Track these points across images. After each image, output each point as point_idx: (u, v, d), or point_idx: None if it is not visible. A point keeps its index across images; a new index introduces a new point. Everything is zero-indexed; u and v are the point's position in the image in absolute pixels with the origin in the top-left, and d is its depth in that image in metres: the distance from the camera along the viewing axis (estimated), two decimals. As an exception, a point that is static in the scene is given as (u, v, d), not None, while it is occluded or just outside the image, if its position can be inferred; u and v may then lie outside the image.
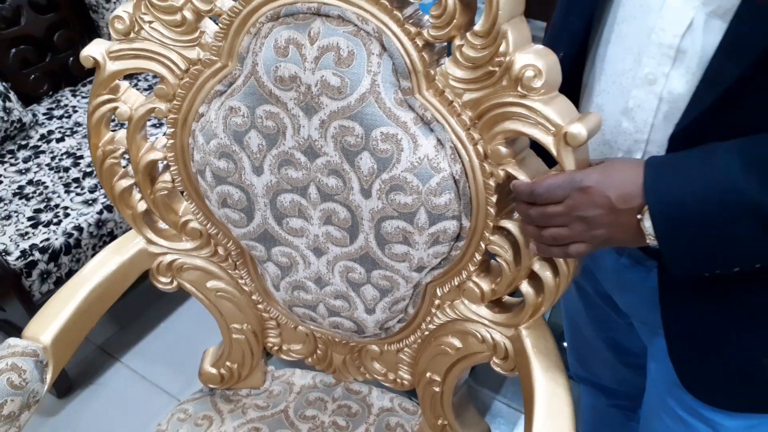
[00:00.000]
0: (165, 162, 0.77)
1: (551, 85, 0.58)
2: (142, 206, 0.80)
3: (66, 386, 1.57)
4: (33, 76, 1.87)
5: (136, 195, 0.81)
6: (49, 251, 1.38)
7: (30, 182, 1.57)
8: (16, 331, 1.34)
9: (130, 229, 0.84)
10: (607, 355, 0.96)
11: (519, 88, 0.57)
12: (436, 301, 0.77)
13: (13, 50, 1.81)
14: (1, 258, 1.32)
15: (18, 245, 1.36)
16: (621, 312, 0.83)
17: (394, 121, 0.63)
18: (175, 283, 0.87)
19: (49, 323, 0.75)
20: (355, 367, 0.90)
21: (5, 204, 1.50)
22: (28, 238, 1.38)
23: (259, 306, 0.88)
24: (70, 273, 1.41)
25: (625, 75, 0.63)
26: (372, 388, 0.98)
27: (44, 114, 1.82)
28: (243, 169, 0.71)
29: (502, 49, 0.57)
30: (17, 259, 1.34)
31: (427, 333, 0.80)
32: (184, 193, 0.79)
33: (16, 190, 1.54)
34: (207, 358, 0.96)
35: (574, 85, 0.69)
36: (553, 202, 0.58)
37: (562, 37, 0.70)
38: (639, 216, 0.55)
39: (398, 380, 0.88)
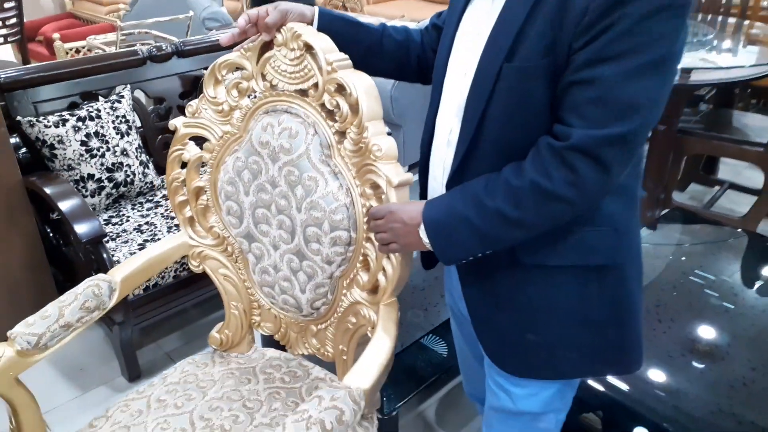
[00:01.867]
0: (205, 188, 1.33)
1: (389, 155, 1.06)
2: (188, 213, 1.36)
3: (136, 374, 2.10)
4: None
5: (187, 207, 1.36)
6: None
7: (147, 223, 2.22)
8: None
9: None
10: (477, 368, 1.31)
11: (371, 156, 1.07)
12: (343, 290, 1.22)
13: (160, 136, 2.57)
14: (114, 262, 1.93)
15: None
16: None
17: (317, 170, 1.14)
18: (201, 267, 1.39)
19: (122, 269, 1.29)
20: (301, 342, 1.35)
21: (127, 234, 2.15)
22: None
23: (249, 290, 1.38)
24: (156, 284, 1.99)
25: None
26: (315, 365, 1.41)
27: (169, 181, 2.52)
28: (239, 192, 1.24)
29: (365, 136, 1.07)
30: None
31: (339, 314, 1.24)
32: (212, 209, 1.34)
33: (136, 227, 2.19)
34: (215, 328, 1.45)
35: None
36: (379, 218, 1.04)
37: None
38: (420, 230, 0.99)
39: (326, 353, 1.31)
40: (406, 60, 1.21)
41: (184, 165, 1.33)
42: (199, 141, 1.29)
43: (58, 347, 1.16)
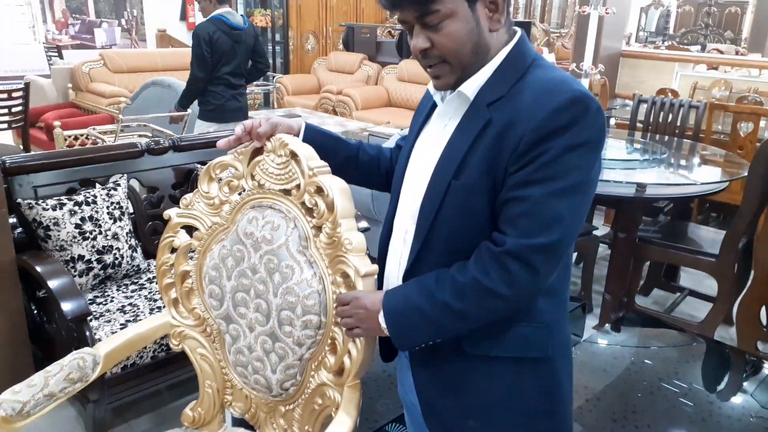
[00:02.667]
0: (191, 272, 1.46)
1: (358, 249, 1.21)
2: (173, 295, 1.47)
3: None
4: (156, 242, 2.73)
5: (173, 289, 1.48)
6: (125, 346, 2.05)
7: (130, 304, 2.31)
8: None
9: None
10: None
11: (343, 249, 1.21)
12: (312, 372, 1.32)
13: (150, 223, 2.71)
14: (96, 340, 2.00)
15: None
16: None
17: (293, 260, 1.28)
18: (180, 346, 1.49)
19: (106, 345, 1.38)
20: (270, 423, 1.43)
21: (111, 313, 2.23)
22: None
23: (223, 370, 1.47)
24: (133, 365, 2.06)
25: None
26: (282, 446, 1.48)
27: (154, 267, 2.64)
28: (222, 277, 1.37)
29: (338, 231, 1.22)
30: (104, 346, 2.01)
31: (307, 395, 1.34)
32: (196, 291, 1.46)
33: (120, 307, 2.28)
34: (189, 405, 1.53)
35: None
36: (344, 304, 1.17)
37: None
38: (380, 316, 1.12)
39: (293, 434, 1.39)
40: (377, 171, 1.39)
41: (173, 250, 1.46)
42: (189, 229, 1.43)
43: (37, 417, 1.23)
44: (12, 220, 2.25)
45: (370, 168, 1.39)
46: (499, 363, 1.11)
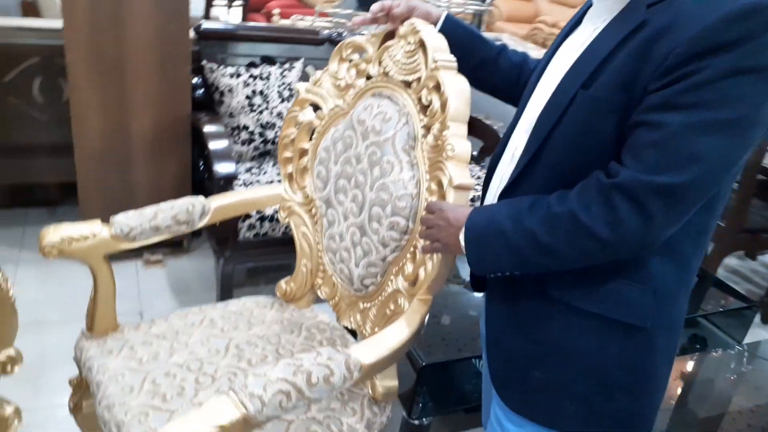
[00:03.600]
0: (308, 150, 1.46)
1: (460, 158, 1.09)
2: (290, 170, 1.49)
3: (227, 308, 2.32)
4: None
5: (290, 165, 1.50)
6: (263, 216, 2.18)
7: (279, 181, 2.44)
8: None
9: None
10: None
11: (444, 154, 1.10)
12: (391, 276, 1.27)
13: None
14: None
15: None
16: None
17: (396, 157, 1.20)
18: (287, 220, 1.52)
19: (218, 199, 1.45)
20: (348, 315, 1.42)
21: (259, 185, 2.37)
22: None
23: (318, 253, 1.48)
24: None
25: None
26: (356, 341, 1.47)
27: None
28: (329, 160, 1.35)
29: (444, 134, 1.11)
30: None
31: (383, 298, 1.29)
32: (309, 171, 1.46)
33: (269, 181, 2.41)
34: (284, 279, 1.58)
35: None
36: (430, 213, 1.07)
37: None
38: (461, 233, 1.00)
39: (364, 332, 1.37)
40: (515, 82, 1.22)
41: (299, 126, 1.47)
42: (317, 109, 1.42)
43: (143, 243, 1.35)
44: (196, 80, 2.45)
45: (509, 76, 1.22)
46: (585, 318, 0.94)
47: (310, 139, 1.47)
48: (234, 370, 1.28)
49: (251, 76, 2.43)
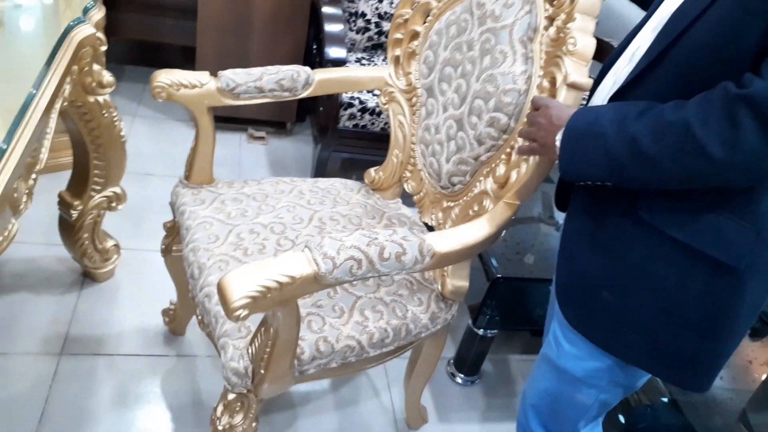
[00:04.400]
0: (420, 34, 1.39)
1: (581, 55, 0.99)
2: (398, 52, 1.44)
3: (318, 193, 2.37)
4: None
5: (399, 48, 1.44)
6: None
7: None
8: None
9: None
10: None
11: (563, 49, 1.01)
12: (480, 177, 1.22)
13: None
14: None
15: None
16: None
17: (511, 47, 1.12)
18: (386, 106, 1.49)
19: (322, 73, 1.44)
20: (430, 212, 1.40)
21: (366, 76, 2.34)
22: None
23: (412, 146, 1.45)
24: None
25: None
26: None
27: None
28: (440, 45, 1.28)
29: (569, 26, 1.01)
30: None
31: (469, 198, 1.25)
32: (417, 56, 1.40)
33: (377, 75, 2.37)
34: (374, 168, 1.57)
35: None
36: (536, 109, 0.99)
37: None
38: (559, 133, 0.92)
39: (443, 229, 1.34)
40: None
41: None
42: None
43: (246, 103, 1.36)
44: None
45: None
46: (673, 247, 0.86)
47: (424, 22, 1.40)
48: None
49: (378, -39, 2.34)
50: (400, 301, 1.23)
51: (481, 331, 1.64)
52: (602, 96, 0.95)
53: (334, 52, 2.10)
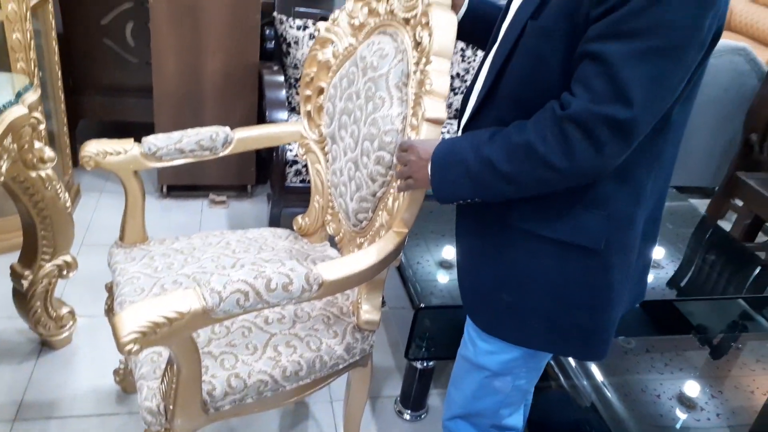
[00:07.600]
0: (325, 89, 1.52)
1: (437, 93, 1.11)
2: (308, 108, 1.57)
3: (276, 249, 2.46)
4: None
5: (310, 103, 1.57)
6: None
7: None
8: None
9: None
10: None
11: (423, 89, 1.12)
12: (379, 212, 1.31)
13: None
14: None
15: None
16: None
17: (388, 93, 1.24)
18: (304, 157, 1.60)
19: (242, 132, 1.56)
20: (348, 249, 1.48)
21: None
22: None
23: (328, 190, 1.55)
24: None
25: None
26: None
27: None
28: (336, 96, 1.40)
29: (426, 68, 1.13)
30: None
31: (372, 232, 1.34)
32: (324, 110, 1.53)
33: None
34: (301, 214, 1.66)
35: None
36: (403, 151, 1.10)
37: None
38: (429, 165, 1.03)
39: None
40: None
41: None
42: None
43: (169, 164, 1.48)
44: (269, 31, 2.59)
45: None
46: (546, 244, 0.99)
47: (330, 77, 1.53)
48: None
49: (317, 29, 2.51)
50: (315, 335, 1.30)
51: (418, 364, 1.69)
52: (461, 128, 1.09)
53: (275, 115, 2.25)
